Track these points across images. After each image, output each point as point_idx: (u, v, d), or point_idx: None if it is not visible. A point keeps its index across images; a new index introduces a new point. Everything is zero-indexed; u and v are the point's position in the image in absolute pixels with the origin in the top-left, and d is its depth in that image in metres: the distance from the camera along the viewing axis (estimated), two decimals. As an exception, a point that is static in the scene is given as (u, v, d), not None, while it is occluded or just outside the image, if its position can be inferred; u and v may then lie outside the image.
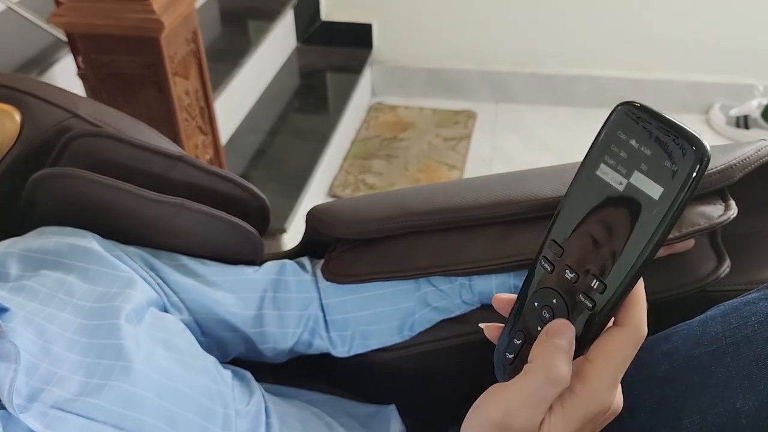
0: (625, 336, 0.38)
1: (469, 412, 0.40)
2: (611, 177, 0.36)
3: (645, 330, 0.39)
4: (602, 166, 0.36)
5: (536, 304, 0.41)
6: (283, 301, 0.67)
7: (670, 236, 0.56)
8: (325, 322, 0.68)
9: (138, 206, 0.60)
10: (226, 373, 0.59)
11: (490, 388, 0.40)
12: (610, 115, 0.37)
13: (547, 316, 0.40)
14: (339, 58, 2.16)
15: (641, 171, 0.34)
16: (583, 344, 0.39)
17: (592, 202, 0.37)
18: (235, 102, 1.77)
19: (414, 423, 0.70)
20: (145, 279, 0.59)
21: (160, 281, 0.61)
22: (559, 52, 2.12)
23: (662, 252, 0.61)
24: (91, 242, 0.58)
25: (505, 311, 0.44)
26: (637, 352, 0.55)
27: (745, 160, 0.59)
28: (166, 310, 0.61)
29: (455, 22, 2.11)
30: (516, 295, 0.43)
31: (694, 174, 0.33)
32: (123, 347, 0.51)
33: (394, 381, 0.73)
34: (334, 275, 0.66)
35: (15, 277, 0.54)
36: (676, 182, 0.33)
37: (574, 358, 0.38)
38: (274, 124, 1.85)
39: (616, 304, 0.37)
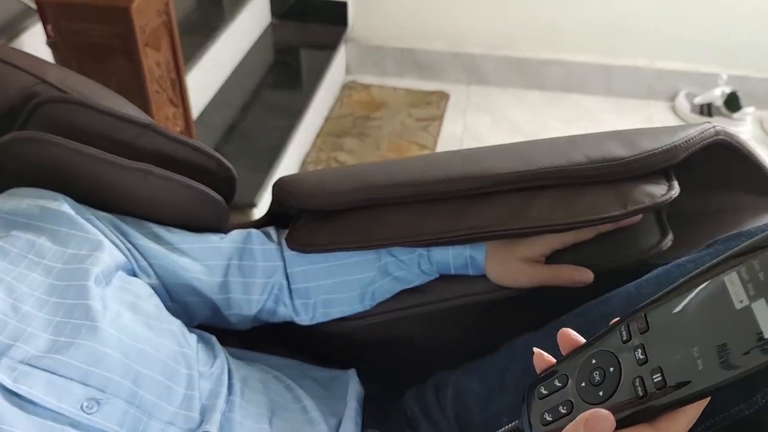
0: None
1: None
2: (735, 291, 0.33)
3: None
4: (734, 274, 0.33)
5: (594, 361, 0.39)
6: (248, 268, 0.69)
7: (615, 212, 0.60)
8: (290, 290, 0.71)
9: (105, 171, 0.62)
10: (191, 337, 0.61)
11: None
12: None
13: (597, 379, 0.38)
14: (314, 35, 2.16)
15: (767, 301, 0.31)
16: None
17: (703, 301, 0.34)
18: (208, 76, 1.77)
19: (373, 387, 0.72)
20: (114, 243, 0.61)
21: (129, 246, 0.62)
22: (531, 37, 2.15)
23: (609, 227, 0.64)
24: (62, 205, 0.59)
25: (563, 347, 0.42)
26: (577, 317, 0.59)
27: (689, 141, 0.62)
28: (134, 275, 0.63)
29: (430, 2, 2.12)
30: (582, 341, 0.41)
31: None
32: (91, 308, 0.53)
33: (356, 348, 0.75)
34: (297, 244, 0.68)
35: (-16, 238, 0.56)
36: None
37: None
38: (247, 99, 1.86)
39: (664, 408, 0.35)
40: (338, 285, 0.71)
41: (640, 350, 0.36)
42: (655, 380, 0.35)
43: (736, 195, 0.69)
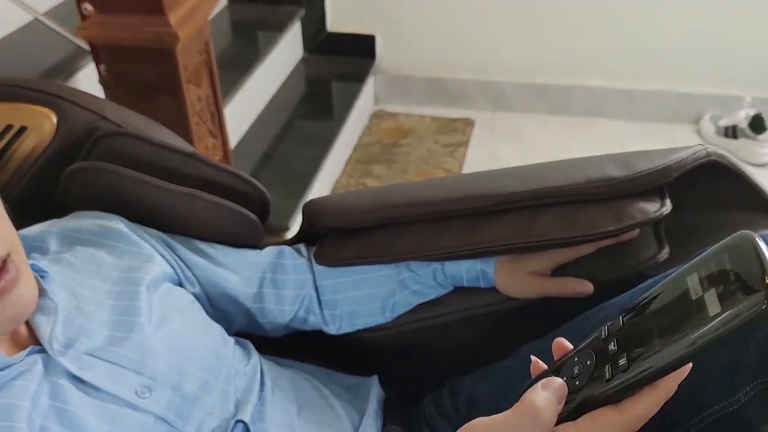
0: (616, 419, 0.40)
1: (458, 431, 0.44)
2: (693, 287, 0.38)
3: (638, 426, 0.41)
4: (694, 275, 0.39)
5: (576, 359, 0.44)
6: (281, 281, 0.76)
7: (611, 228, 0.66)
8: (319, 301, 0.78)
9: (156, 195, 0.71)
10: (229, 340, 0.68)
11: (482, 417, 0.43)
12: (730, 237, 0.39)
13: (576, 371, 0.43)
14: (343, 68, 2.26)
15: (717, 291, 0.37)
16: (582, 410, 0.41)
17: (667, 298, 0.40)
18: (244, 108, 1.87)
19: (393, 393, 0.79)
20: (163, 256, 0.69)
21: (176, 258, 0.71)
22: (554, 64, 2.21)
23: (609, 241, 0.70)
24: (119, 224, 0.68)
25: (556, 353, 0.47)
26: (578, 323, 0.65)
27: (681, 161, 0.68)
28: (180, 284, 0.71)
29: (455, 33, 2.21)
30: (571, 347, 0.46)
31: (747, 318, 0.35)
32: (142, 309, 0.61)
33: (377, 357, 0.82)
34: (324, 259, 0.75)
35: (54, 252, 0.64)
36: (732, 311, 0.35)
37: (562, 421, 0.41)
38: (281, 129, 1.96)
39: (627, 389, 0.40)
40: (362, 298, 0.77)
41: (612, 344, 0.42)
42: (620, 365, 0.40)
43: (731, 211, 0.74)
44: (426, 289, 0.77)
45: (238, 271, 0.75)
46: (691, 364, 0.39)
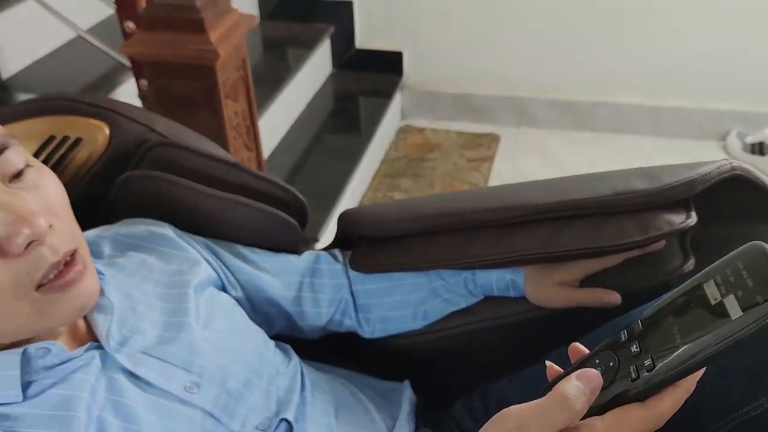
0: (643, 415, 0.43)
1: (492, 418, 0.46)
2: (711, 292, 0.41)
3: (662, 422, 0.43)
4: (711, 282, 0.42)
5: (597, 360, 0.46)
6: (318, 285, 0.80)
7: (637, 238, 0.68)
8: (354, 305, 0.81)
9: (203, 201, 0.75)
10: (270, 342, 0.72)
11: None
12: (742, 247, 0.42)
13: (599, 371, 0.45)
14: (371, 84, 2.30)
15: (736, 296, 0.40)
16: (609, 407, 0.43)
17: (687, 303, 0.43)
18: (275, 122, 1.92)
19: (424, 398, 0.81)
20: (208, 261, 0.73)
21: (220, 263, 0.75)
22: (579, 80, 2.23)
23: (636, 252, 0.72)
24: (167, 230, 0.72)
25: (572, 357, 0.49)
26: (604, 331, 0.67)
27: (706, 175, 0.70)
28: (223, 289, 0.74)
29: (481, 50, 2.24)
30: (587, 352, 0.48)
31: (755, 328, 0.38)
32: (190, 310, 0.65)
33: (409, 363, 0.85)
34: (359, 266, 0.79)
35: (108, 256, 0.68)
36: (753, 313, 0.38)
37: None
38: (310, 143, 2.00)
39: (653, 387, 0.42)
40: (394, 304, 0.80)
41: (635, 346, 0.44)
42: (646, 365, 0.43)
43: (756, 224, 0.75)
44: (457, 297, 0.80)
45: (278, 275, 0.78)
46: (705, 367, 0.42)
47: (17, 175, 0.52)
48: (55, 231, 0.52)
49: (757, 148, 2.09)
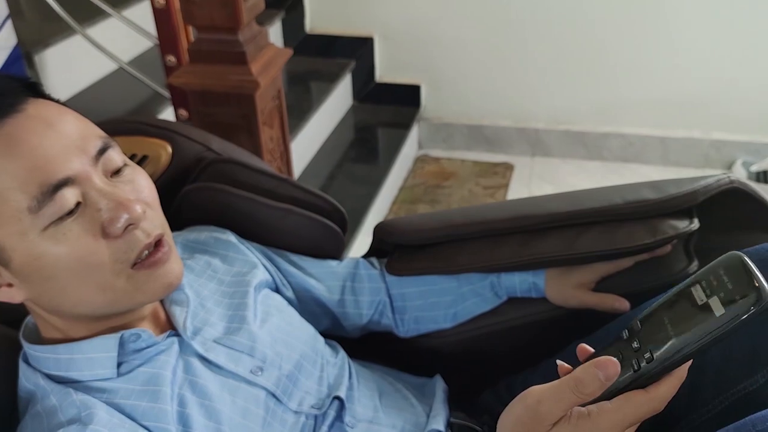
0: (645, 400, 0.49)
1: (516, 397, 0.52)
2: (698, 294, 0.49)
3: (662, 406, 0.49)
4: (697, 286, 0.49)
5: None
6: (359, 289, 0.88)
7: (647, 241, 0.76)
8: (392, 307, 0.89)
9: (258, 210, 0.84)
10: (320, 337, 0.80)
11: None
12: (722, 257, 0.50)
13: None
14: (390, 115, 2.41)
15: (719, 297, 0.47)
16: (615, 395, 0.50)
17: (678, 304, 0.50)
18: (301, 151, 2.03)
19: (453, 391, 0.89)
20: (264, 265, 0.82)
21: (275, 268, 0.84)
22: (590, 112, 2.33)
23: (644, 256, 0.80)
24: (229, 236, 0.82)
25: (580, 356, 0.54)
26: (618, 322, 0.75)
27: (707, 187, 0.79)
28: (277, 289, 0.83)
29: (495, 84, 2.35)
30: (592, 351, 0.54)
31: (746, 315, 0.45)
32: (250, 306, 0.73)
33: (439, 361, 0.92)
34: (394, 270, 0.87)
35: (179, 258, 0.78)
36: (733, 311, 0.46)
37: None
38: (332, 170, 2.10)
39: (653, 377, 0.49)
40: (427, 306, 0.89)
41: (636, 342, 0.51)
42: (645, 357, 0.50)
43: (752, 233, 0.83)
44: (484, 300, 0.88)
45: (323, 280, 0.87)
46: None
47: (117, 172, 0.61)
48: (147, 217, 0.61)
49: (762, 177, 2.17)
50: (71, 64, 1.71)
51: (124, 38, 1.77)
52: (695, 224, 0.77)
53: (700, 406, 0.65)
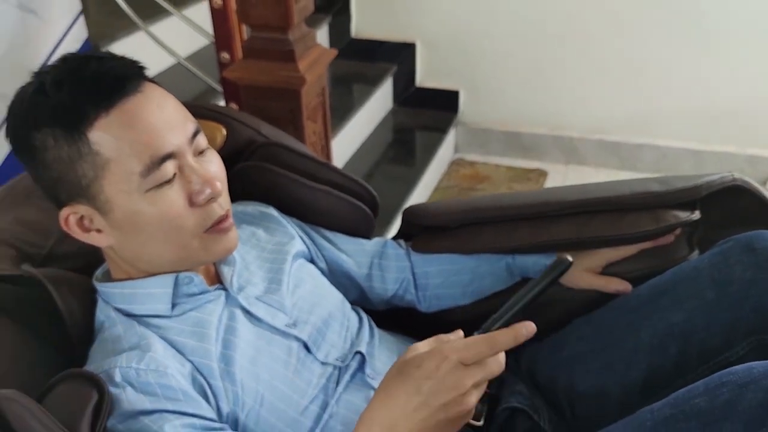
0: (481, 338, 0.61)
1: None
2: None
3: (493, 348, 0.60)
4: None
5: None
6: (385, 266, 0.98)
7: (650, 228, 0.84)
8: (415, 284, 0.98)
9: (299, 189, 0.94)
10: (347, 303, 0.90)
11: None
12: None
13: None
14: (428, 119, 2.50)
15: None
16: None
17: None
18: (341, 150, 2.13)
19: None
20: (301, 238, 0.92)
21: (311, 241, 0.94)
22: (625, 122, 2.37)
23: (648, 244, 0.88)
24: (272, 210, 0.92)
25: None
26: (622, 299, 0.83)
27: (710, 182, 0.86)
28: (312, 261, 0.93)
29: (533, 92, 2.42)
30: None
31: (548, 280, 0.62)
32: (286, 271, 0.84)
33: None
34: (420, 249, 0.96)
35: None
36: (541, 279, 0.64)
37: None
38: (371, 169, 2.20)
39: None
40: (447, 284, 0.97)
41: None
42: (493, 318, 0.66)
43: (754, 228, 0.89)
44: (499, 279, 0.96)
45: (353, 255, 0.97)
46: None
47: (201, 152, 0.73)
48: (222, 193, 0.72)
49: (797, 193, 2.18)
50: (134, 58, 1.84)
51: (182, 36, 1.90)
52: (696, 215, 0.84)
53: (687, 372, 0.73)
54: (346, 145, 2.17)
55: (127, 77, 0.68)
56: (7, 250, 0.80)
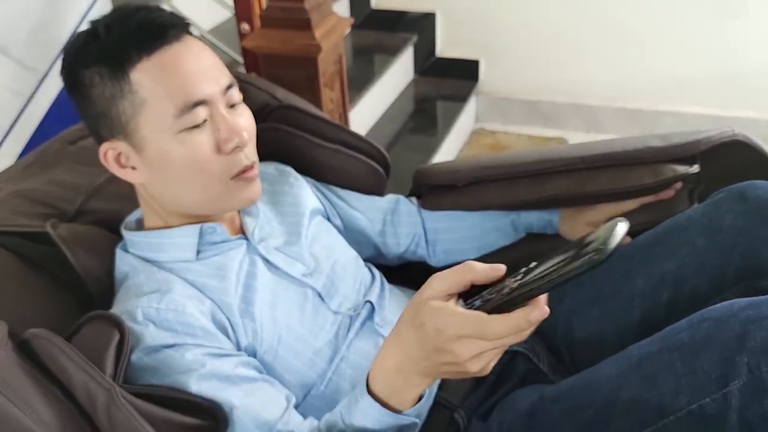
0: (488, 318, 0.55)
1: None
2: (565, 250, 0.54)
3: (501, 330, 0.54)
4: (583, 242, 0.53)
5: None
6: (398, 222, 1.03)
7: (650, 181, 0.86)
8: (426, 239, 1.03)
9: (313, 149, 0.98)
10: (360, 260, 0.95)
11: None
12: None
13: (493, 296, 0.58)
14: (449, 89, 2.52)
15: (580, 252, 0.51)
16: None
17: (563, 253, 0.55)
18: (361, 120, 2.16)
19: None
20: (317, 196, 0.98)
21: (326, 199, 0.99)
22: (646, 89, 2.36)
23: (649, 198, 0.90)
24: (291, 170, 0.97)
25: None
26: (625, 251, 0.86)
27: (709, 138, 0.88)
28: (328, 218, 0.98)
29: (553, 60, 2.42)
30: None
31: (579, 270, 0.49)
32: (304, 225, 0.89)
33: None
34: (428, 205, 1.01)
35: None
36: (573, 264, 0.51)
37: None
38: (392, 139, 2.23)
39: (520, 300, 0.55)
40: (456, 239, 1.02)
41: (520, 276, 0.58)
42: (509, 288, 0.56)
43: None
44: (505, 235, 1.00)
45: (366, 212, 1.01)
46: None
47: (233, 106, 0.78)
48: (250, 145, 0.77)
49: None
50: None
51: (203, 8, 1.95)
52: (695, 168, 0.86)
53: (680, 315, 0.76)
54: (367, 114, 2.20)
55: (170, 27, 0.74)
56: (42, 207, 0.86)
